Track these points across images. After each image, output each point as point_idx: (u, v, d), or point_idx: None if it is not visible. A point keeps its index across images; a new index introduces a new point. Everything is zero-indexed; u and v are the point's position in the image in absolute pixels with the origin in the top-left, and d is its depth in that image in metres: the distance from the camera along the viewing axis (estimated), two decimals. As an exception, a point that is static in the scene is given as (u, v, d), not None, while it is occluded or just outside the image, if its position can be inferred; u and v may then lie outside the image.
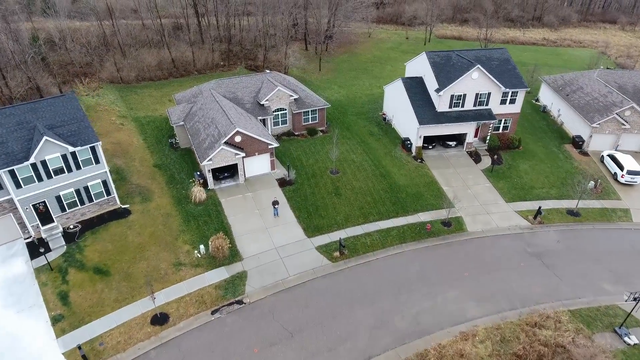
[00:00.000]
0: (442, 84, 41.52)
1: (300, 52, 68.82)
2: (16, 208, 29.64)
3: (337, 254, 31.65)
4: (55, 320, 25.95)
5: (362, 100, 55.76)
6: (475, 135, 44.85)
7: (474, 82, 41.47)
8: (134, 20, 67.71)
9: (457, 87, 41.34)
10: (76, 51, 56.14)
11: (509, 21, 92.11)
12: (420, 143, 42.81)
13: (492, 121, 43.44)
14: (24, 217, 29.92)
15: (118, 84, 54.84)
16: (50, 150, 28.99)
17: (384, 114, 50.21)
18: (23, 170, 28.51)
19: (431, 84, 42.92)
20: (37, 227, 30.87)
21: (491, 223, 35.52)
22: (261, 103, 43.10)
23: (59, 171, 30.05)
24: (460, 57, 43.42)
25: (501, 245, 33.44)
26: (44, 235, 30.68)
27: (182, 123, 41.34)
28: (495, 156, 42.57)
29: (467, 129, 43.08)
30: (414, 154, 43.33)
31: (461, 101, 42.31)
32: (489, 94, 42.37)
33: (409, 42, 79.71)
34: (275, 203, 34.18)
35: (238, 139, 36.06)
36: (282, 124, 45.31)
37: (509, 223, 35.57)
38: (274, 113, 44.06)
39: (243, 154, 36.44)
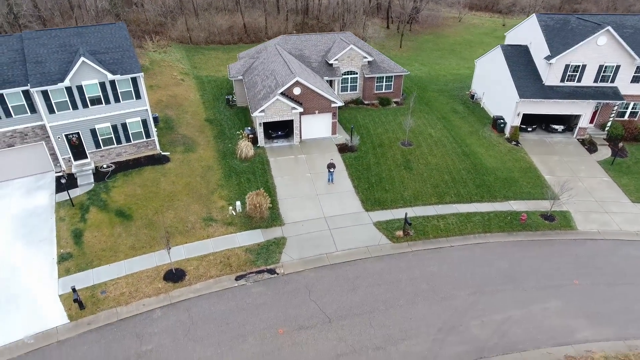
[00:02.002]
0: (556, 50, 33.23)
1: (381, 28, 62.98)
2: (48, 137, 27.12)
3: (399, 233, 25.13)
4: (62, 259, 22.50)
5: (446, 78, 48.45)
6: (591, 121, 35.68)
7: (599, 50, 32.66)
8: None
9: (575, 55, 32.81)
10: (152, 10, 55.41)
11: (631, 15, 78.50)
12: (517, 122, 34.73)
13: (618, 103, 34.12)
14: (55, 148, 27.31)
15: (187, 44, 53.01)
16: (87, 76, 26.03)
17: (472, 92, 42.57)
18: (57, 93, 25.80)
19: (540, 51, 34.72)
20: (69, 161, 28.17)
21: (611, 224, 26.73)
22: (330, 62, 37.83)
23: (95, 101, 27.06)
24: (582, 19, 34.71)
25: (626, 252, 24.66)
26: (74, 170, 27.87)
27: (241, 77, 37.34)
28: (620, 145, 33.20)
29: (582, 109, 34.19)
30: (507, 135, 35.33)
31: (578, 74, 33.62)
32: (617, 67, 33.21)
33: (506, 29, 70.18)
34: (330, 166, 28.52)
35: (297, 91, 31.03)
36: (351, 90, 39.67)
37: (638, 227, 26.58)
38: (343, 76, 38.60)
39: (301, 109, 31.31)
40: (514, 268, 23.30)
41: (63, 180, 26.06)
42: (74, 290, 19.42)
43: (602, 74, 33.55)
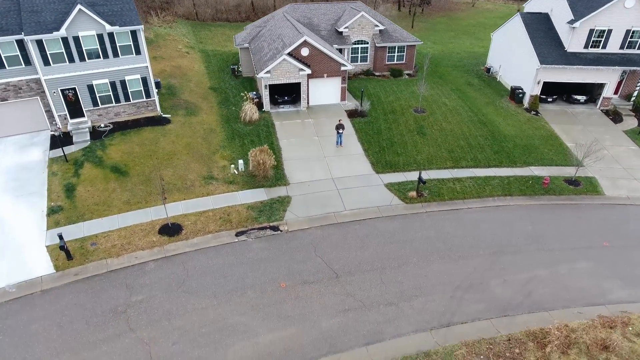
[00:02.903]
0: (580, 13, 31.36)
1: (392, 8, 61.38)
2: (44, 92, 25.88)
3: (413, 194, 23.43)
4: (52, 211, 21.13)
5: (460, 55, 46.64)
6: (616, 92, 33.70)
7: (626, 14, 30.71)
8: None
9: (601, 18, 30.90)
10: (159, -12, 54.38)
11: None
12: (537, 91, 32.88)
13: (645, 70, 32.20)
14: (51, 104, 26.04)
15: (193, 20, 51.85)
16: (84, 26, 24.73)
17: (488, 66, 40.72)
18: (53, 44, 24.53)
19: (562, 17, 32.84)
20: (65, 119, 26.88)
21: (641, 191, 24.89)
22: (339, 31, 36.30)
23: (93, 54, 25.75)
24: (607, -18, 32.85)
25: (660, 218, 22.79)
26: (70, 128, 26.54)
27: (247, 45, 35.96)
28: (648, 114, 31.27)
29: (607, 77, 32.24)
30: (526, 105, 33.49)
31: (603, 40, 31.71)
32: (645, 32, 31.33)
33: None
34: (339, 127, 26.89)
35: (305, 52, 29.48)
36: (361, 61, 38.05)
37: (671, 194, 24.65)
38: (353, 45, 37.03)
39: (309, 71, 29.76)
40: (537, 230, 21.48)
41: (56, 133, 24.69)
42: (60, 237, 17.99)
43: (629, 39, 31.59)
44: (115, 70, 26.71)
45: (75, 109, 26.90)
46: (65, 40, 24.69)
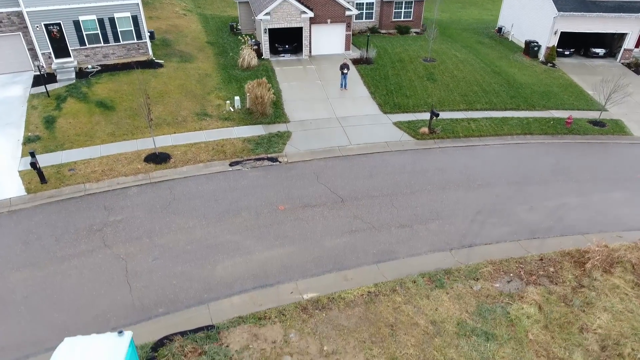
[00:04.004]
0: (598, -43, 29.58)
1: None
2: (26, 28, 24.09)
3: (424, 129, 21.46)
4: (28, 140, 19.21)
5: (469, 22, 44.70)
6: (637, 44, 31.73)
7: (649, -44, 28.93)
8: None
9: (622, -39, 29.13)
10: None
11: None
12: (554, 42, 30.96)
13: (670, 18, 30.22)
14: (34, 40, 24.18)
15: (191, -12, 50.29)
16: (71, -47, 23.09)
17: (499, 27, 38.78)
18: (36, -29, 22.85)
19: (579, -36, 31.05)
20: (50, 58, 25.05)
21: (673, 132, 22.86)
22: (343, -16, 34.56)
23: (80, -14, 24.08)
24: None
25: (696, 156, 20.76)
26: (54, 68, 24.72)
27: (246, -1, 34.24)
28: (674, 61, 29.26)
29: (629, 27, 30.25)
30: (542, 58, 31.56)
31: (624, -15, 29.89)
32: (670, -23, 29.42)
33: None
34: (344, 67, 24.94)
35: (307, -6, 27.74)
36: (366, 18, 36.16)
37: None
38: (358, 0, 35.20)
39: (311, 14, 27.89)
40: (564, 163, 19.47)
41: (40, 72, 22.86)
42: (32, 154, 16.10)
43: (652, -15, 29.77)
44: (103, 5, 24.83)
45: (60, 48, 25.06)
46: (48, -32, 22.98)
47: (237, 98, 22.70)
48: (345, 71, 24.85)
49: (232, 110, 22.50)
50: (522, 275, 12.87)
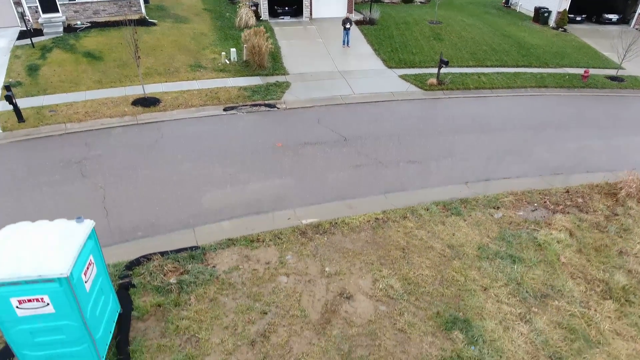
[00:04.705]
0: None
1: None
2: (12, -21, 22.92)
3: (432, 80, 20.14)
4: (8, 85, 18.00)
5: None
6: (652, 10, 30.49)
7: None
8: None
9: None
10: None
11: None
12: (565, 6, 29.64)
13: (687, -20, 28.92)
14: (19, -8, 23.08)
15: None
16: None
17: (507, -1, 37.62)
18: None
19: None
20: (36, 12, 23.81)
21: (696, 87, 21.49)
22: (345, -49, 33.32)
23: None
24: None
25: None
26: (41, 22, 23.50)
27: (245, -34, 32.99)
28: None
29: (644, -10, 29.06)
30: (552, 24, 30.25)
31: (638, -54, 28.61)
32: (687, -63, 28.12)
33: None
34: (346, 21, 23.62)
35: (308, -49, 26.49)
36: (368, -13, 35.04)
37: None
38: (361, -32, 34.02)
39: (311, -27, 26.75)
40: (583, 113, 18.13)
41: (26, 27, 21.55)
42: (7, 87, 14.80)
43: (668, -54, 28.49)
44: (94, -43, 23.75)
45: (48, 2, 23.83)
46: None
47: (233, 50, 21.39)
48: (347, 26, 23.53)
49: (228, 62, 21.19)
50: (547, 205, 11.51)
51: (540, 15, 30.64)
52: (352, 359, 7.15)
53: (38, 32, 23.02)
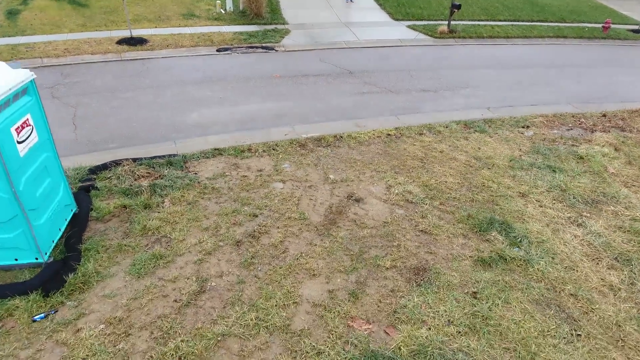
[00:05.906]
0: None
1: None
2: None
3: (443, 28, 18.68)
4: (-18, 27, 16.63)
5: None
6: (670, -26, 29.00)
7: None
8: None
9: None
10: None
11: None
12: (579, -31, 28.24)
13: None
14: (2, -57, 21.66)
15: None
16: None
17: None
18: None
19: None
20: (20, -35, 22.48)
21: None
22: None
23: None
24: None
25: None
26: (25, -25, 22.19)
27: None
28: None
29: (663, -50, 27.58)
30: (566, -12, 28.85)
31: None
32: None
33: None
34: (349, -25, 22.32)
35: None
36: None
37: None
38: None
39: None
40: (608, 57, 16.71)
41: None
42: (-24, 15, 13.41)
43: None
44: None
45: (32, -45, 22.46)
46: None
47: (228, 0, 20.01)
48: (351, -21, 22.17)
49: (224, 12, 19.75)
50: (584, 125, 10.04)
51: (553, -20, 29.19)
52: (365, 259, 5.68)
53: (22, -14, 21.66)
